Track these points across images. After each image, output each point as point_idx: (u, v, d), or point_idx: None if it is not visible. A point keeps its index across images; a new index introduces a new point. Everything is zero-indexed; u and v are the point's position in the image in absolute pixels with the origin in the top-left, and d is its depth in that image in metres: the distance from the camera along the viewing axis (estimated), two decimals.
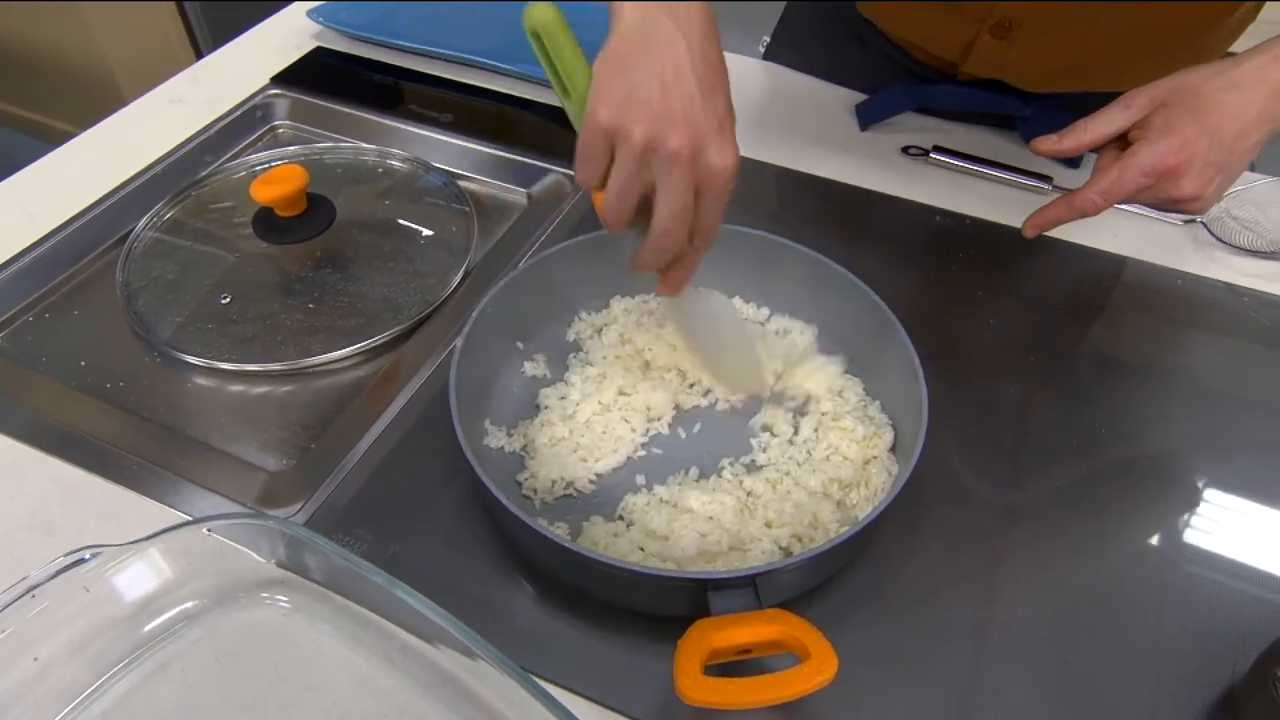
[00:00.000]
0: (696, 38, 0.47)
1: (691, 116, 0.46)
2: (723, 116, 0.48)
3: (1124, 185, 0.60)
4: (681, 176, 0.47)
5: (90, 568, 0.47)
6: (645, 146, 0.46)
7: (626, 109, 0.46)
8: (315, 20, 0.98)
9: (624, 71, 0.47)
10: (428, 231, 0.78)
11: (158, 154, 0.84)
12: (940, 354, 0.57)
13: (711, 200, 0.49)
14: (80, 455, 0.60)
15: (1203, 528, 0.59)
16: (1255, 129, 0.57)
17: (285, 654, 0.50)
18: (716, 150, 0.47)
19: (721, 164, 0.47)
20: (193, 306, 0.71)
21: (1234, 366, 0.69)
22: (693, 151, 0.46)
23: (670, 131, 0.46)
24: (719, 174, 0.47)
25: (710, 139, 0.47)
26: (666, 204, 0.47)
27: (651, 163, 0.47)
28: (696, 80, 0.47)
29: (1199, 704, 0.50)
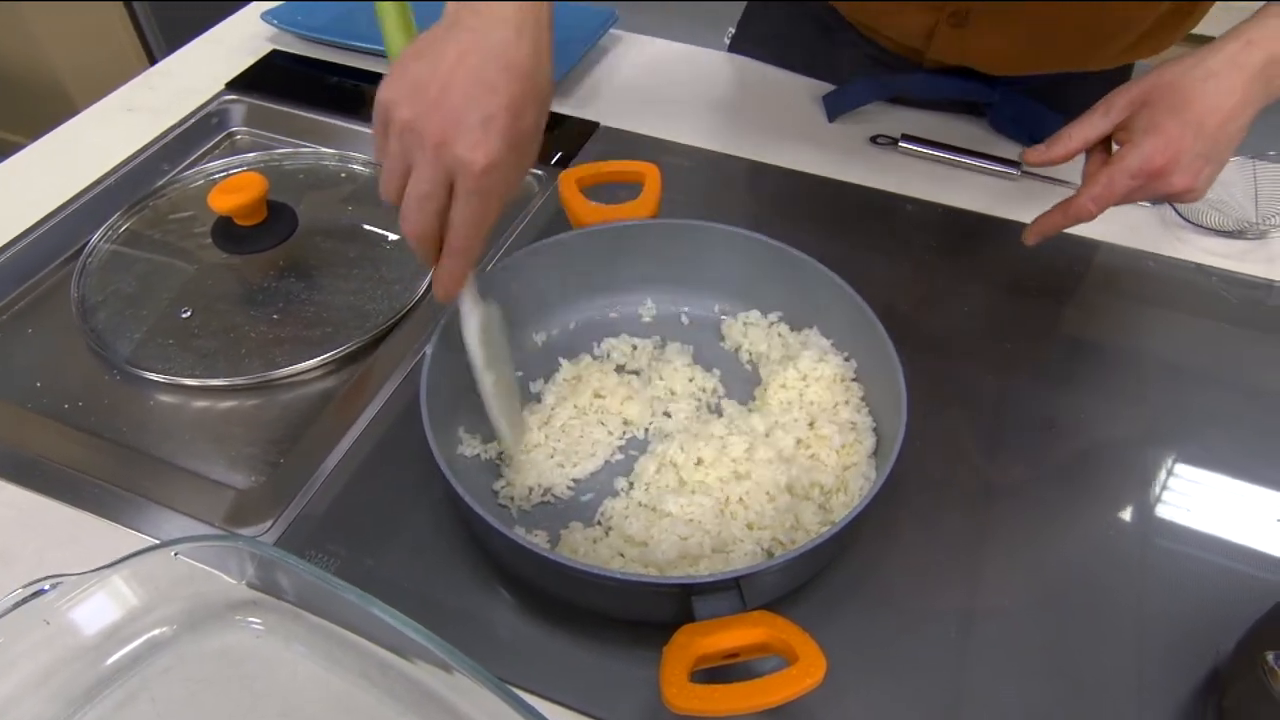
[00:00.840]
0: (499, 38, 0.47)
1: (453, 107, 0.45)
2: (492, 114, 0.46)
3: (1114, 189, 0.60)
4: (427, 162, 0.46)
5: (50, 599, 0.45)
6: (404, 127, 0.46)
7: (401, 90, 0.46)
8: (270, 23, 0.96)
9: (417, 58, 0.47)
10: (393, 236, 0.76)
11: (111, 164, 0.81)
12: (915, 342, 0.57)
13: (462, 196, 0.47)
14: (38, 480, 0.58)
15: (1180, 505, 0.59)
16: (1238, 115, 0.57)
17: (260, 678, 0.49)
18: (468, 144, 0.45)
19: (470, 157, 0.45)
20: (152, 321, 0.69)
21: (1205, 345, 0.70)
22: (441, 139, 0.45)
23: (427, 117, 0.45)
24: (467, 167, 0.46)
25: (466, 132, 0.45)
26: (411, 186, 0.47)
27: (406, 143, 0.46)
28: (474, 76, 0.46)
29: (1184, 685, 0.50)
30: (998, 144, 0.84)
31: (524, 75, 0.47)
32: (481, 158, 0.45)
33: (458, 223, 0.48)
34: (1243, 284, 0.73)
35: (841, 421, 0.58)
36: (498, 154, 0.46)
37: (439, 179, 0.46)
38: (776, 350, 0.64)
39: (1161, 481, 0.61)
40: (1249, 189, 0.77)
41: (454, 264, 0.50)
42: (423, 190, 0.47)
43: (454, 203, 0.47)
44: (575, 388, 0.62)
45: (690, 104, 0.89)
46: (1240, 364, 0.68)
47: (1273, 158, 0.78)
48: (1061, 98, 0.82)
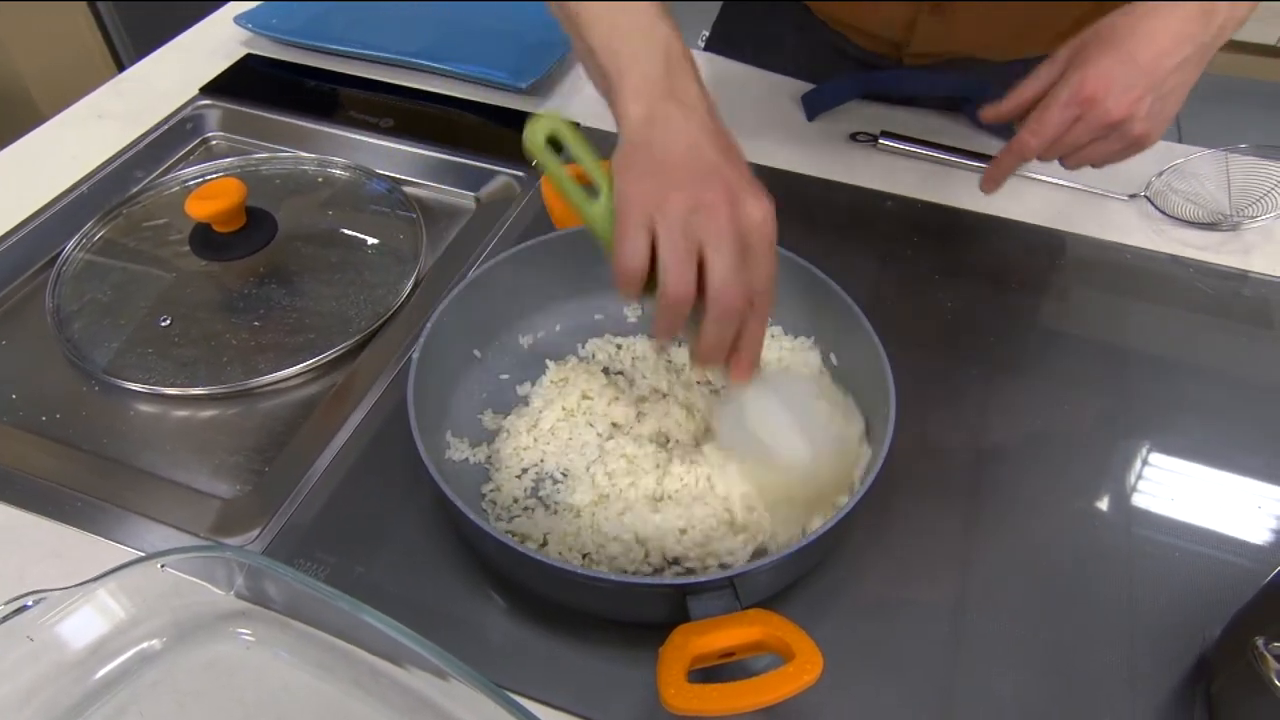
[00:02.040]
0: (704, 117, 0.49)
1: (721, 173, 0.47)
2: (749, 173, 0.48)
3: (1049, 118, 0.60)
4: (728, 228, 0.46)
5: (33, 615, 0.44)
6: (687, 208, 0.45)
7: (658, 180, 0.46)
8: (244, 26, 0.95)
9: (645, 153, 0.47)
10: (374, 240, 0.76)
11: (83, 172, 0.80)
12: (900, 337, 0.57)
13: (759, 254, 0.47)
14: (16, 494, 0.57)
15: (1163, 495, 0.60)
16: (1173, 49, 0.57)
17: (251, 689, 0.48)
18: (753, 200, 0.46)
19: (760, 213, 0.46)
20: (131, 330, 0.68)
21: (1183, 335, 0.71)
22: (732, 202, 0.46)
23: (706, 188, 0.46)
24: (759, 224, 0.46)
25: (744, 191, 0.46)
26: (718, 261, 0.46)
27: (694, 223, 0.46)
28: (717, 148, 0.48)
29: (1173, 673, 0.51)
30: (975, 140, 0.84)
31: (737, 146, 0.50)
32: (769, 210, 0.47)
33: (765, 279, 0.48)
34: (1218, 275, 0.74)
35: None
36: (770, 202, 0.47)
37: (740, 244, 0.46)
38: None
39: (1143, 473, 0.61)
40: (1222, 181, 0.78)
41: (761, 328, 0.49)
42: (731, 261, 0.46)
43: (754, 261, 0.47)
44: (562, 390, 0.61)
45: None
46: (1216, 353, 0.69)
47: (1244, 150, 0.80)
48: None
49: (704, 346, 0.48)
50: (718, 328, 0.47)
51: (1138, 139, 0.60)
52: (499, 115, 0.87)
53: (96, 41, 1.92)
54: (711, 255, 0.46)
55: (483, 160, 0.82)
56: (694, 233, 0.46)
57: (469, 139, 0.84)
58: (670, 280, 0.46)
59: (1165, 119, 0.60)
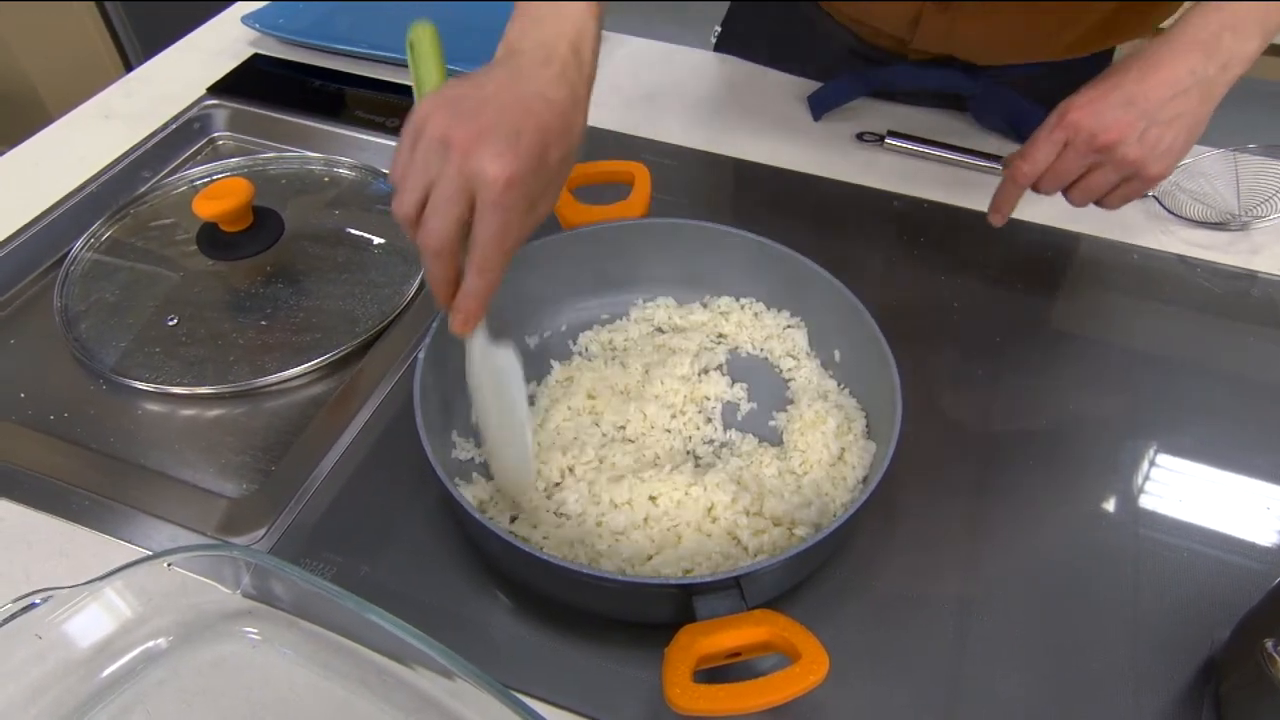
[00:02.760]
0: (541, 75, 0.49)
1: (486, 120, 0.46)
2: (521, 131, 0.46)
3: (1037, 144, 0.61)
4: (451, 169, 0.45)
5: (41, 613, 0.44)
6: (434, 138, 0.46)
7: (441, 106, 0.47)
8: (251, 26, 0.95)
9: (464, 80, 0.48)
10: (380, 240, 0.76)
11: (91, 172, 0.80)
12: (905, 338, 0.57)
13: (484, 208, 0.46)
14: (23, 492, 0.57)
15: (1170, 496, 0.59)
16: (1170, 80, 0.57)
17: (257, 688, 0.48)
18: (493, 154, 0.45)
19: (492, 168, 0.45)
20: (138, 329, 0.68)
21: (1191, 336, 0.71)
22: (466, 148, 0.45)
23: (459, 127, 0.45)
24: (490, 180, 0.45)
25: (493, 142, 0.45)
26: (434, 195, 0.46)
27: (435, 155, 0.46)
28: (512, 98, 0.47)
29: (1180, 674, 0.51)
30: (982, 139, 0.84)
31: (559, 111, 0.48)
32: (504, 169, 0.45)
33: (480, 238, 0.47)
34: (1226, 275, 0.74)
35: (832, 407, 0.59)
36: (520, 169, 0.45)
37: (461, 187, 0.46)
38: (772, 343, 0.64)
39: (1150, 473, 0.61)
40: (1231, 181, 0.78)
41: (475, 283, 0.48)
42: (445, 195, 0.46)
43: (476, 218, 0.46)
44: (568, 389, 0.61)
45: (676, 103, 0.89)
46: (1226, 354, 0.69)
47: (1253, 150, 0.79)
48: (1041, 87, 0.83)
49: (427, 278, 0.49)
50: (426, 263, 0.48)
51: (1134, 166, 0.59)
52: None
53: (104, 41, 1.93)
54: (432, 192, 0.46)
55: None
56: (432, 164, 0.46)
57: None
58: (395, 198, 0.47)
59: (1168, 149, 0.59)
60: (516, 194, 0.46)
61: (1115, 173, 0.61)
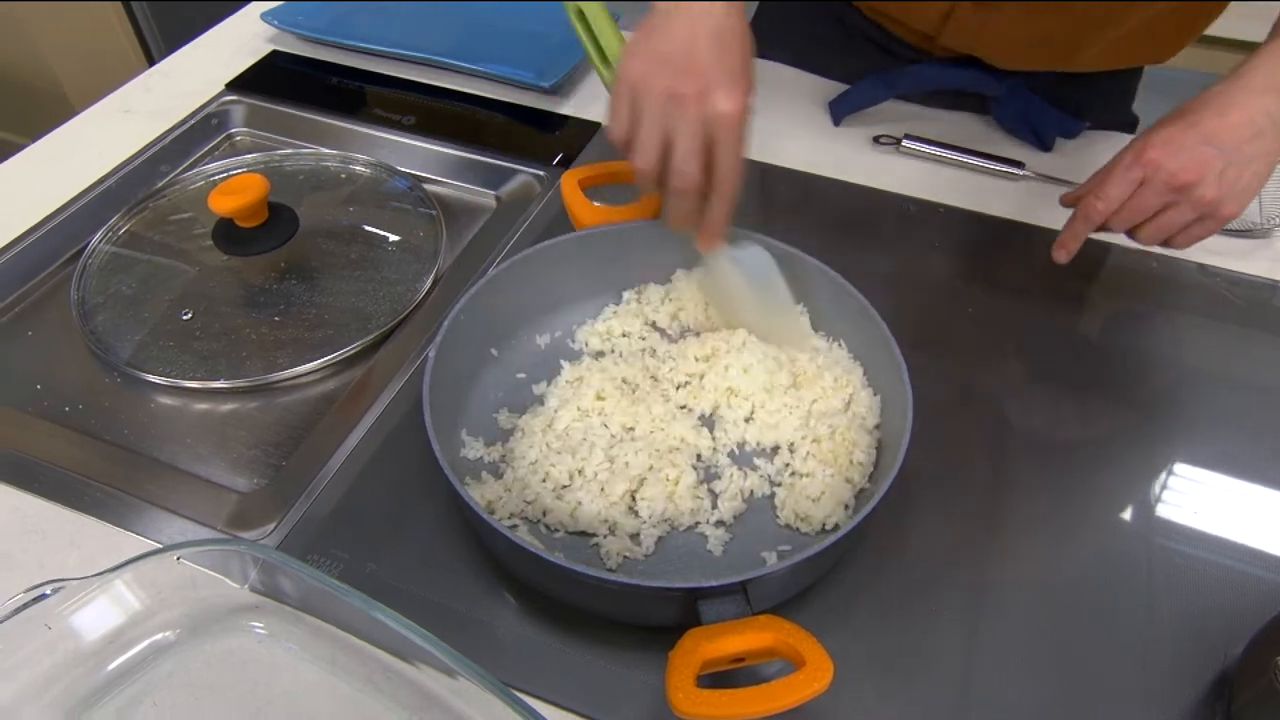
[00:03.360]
0: (718, 13, 0.53)
1: (704, 69, 0.51)
2: (735, 71, 0.52)
3: (1112, 181, 0.60)
4: (693, 119, 0.51)
5: (51, 603, 0.45)
6: (664, 95, 0.52)
7: (650, 65, 0.52)
8: (270, 23, 0.96)
9: (651, 38, 0.53)
10: (395, 238, 0.76)
11: (110, 166, 0.81)
12: (920, 344, 0.57)
13: (724, 145, 0.52)
14: (38, 483, 0.58)
15: (1187, 507, 0.59)
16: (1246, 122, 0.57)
17: (263, 682, 0.48)
18: (725, 96, 0.51)
19: (728, 108, 0.51)
20: (153, 323, 0.68)
21: (1210, 345, 0.70)
22: (700, 95, 0.51)
23: (683, 80, 0.51)
24: (726, 117, 0.51)
25: (720, 87, 0.51)
26: (680, 145, 0.52)
27: (667, 110, 0.52)
28: (714, 41, 0.52)
29: (1192, 689, 0.50)
30: (1001, 143, 0.83)
31: (741, 32, 0.54)
32: (738, 106, 0.52)
33: (726, 167, 0.53)
34: (1247, 284, 0.73)
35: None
36: (746, 98, 0.52)
37: (703, 133, 0.52)
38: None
39: (1168, 483, 0.60)
40: None
41: (724, 208, 0.55)
42: (693, 144, 0.52)
43: (719, 151, 0.53)
44: (577, 389, 0.61)
45: None
46: (1246, 364, 0.68)
47: None
48: (1065, 94, 0.82)
49: (669, 215, 0.57)
50: (674, 201, 0.55)
51: (1211, 206, 0.59)
52: (521, 114, 0.88)
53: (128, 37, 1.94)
54: (675, 140, 0.52)
55: (504, 159, 0.82)
56: (664, 119, 0.52)
57: (491, 137, 0.84)
58: (637, 156, 0.54)
59: (1244, 189, 0.58)
60: (746, 124, 0.53)
61: (1191, 212, 0.60)
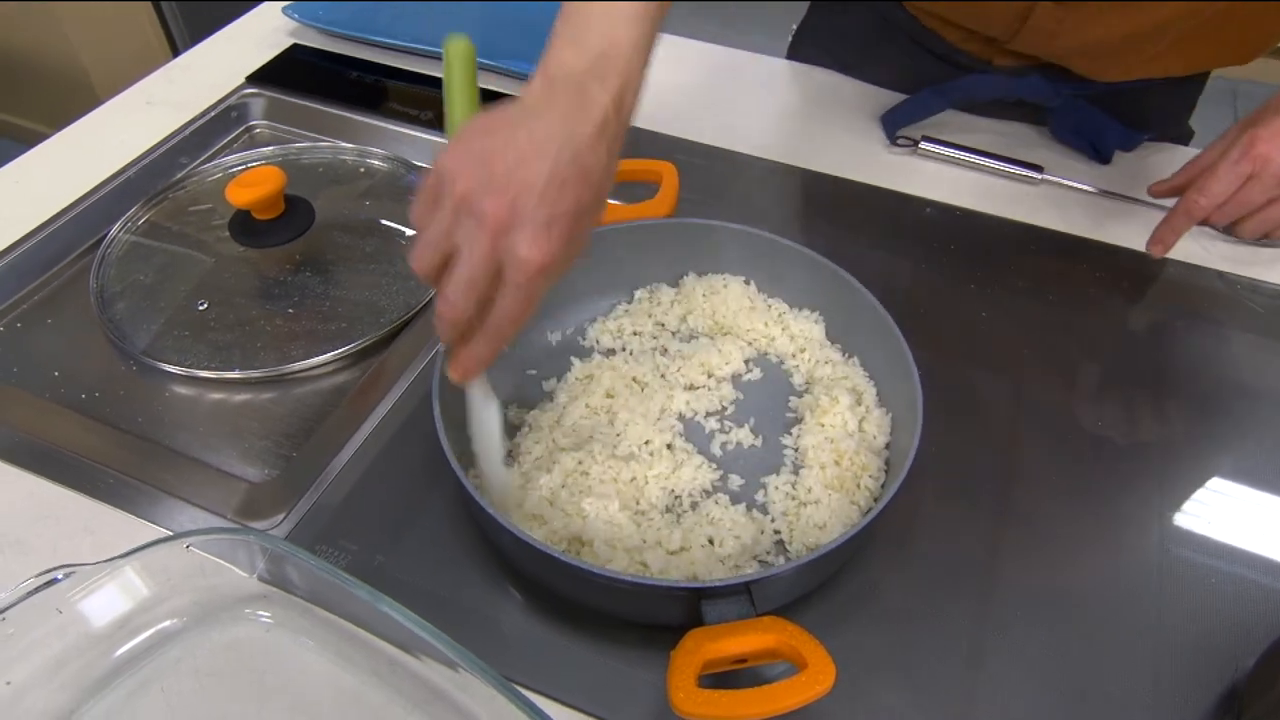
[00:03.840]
0: (581, 134, 0.44)
1: (520, 196, 0.42)
2: (558, 215, 0.43)
3: (1219, 176, 0.60)
4: (480, 246, 0.43)
5: (63, 588, 0.45)
6: (461, 201, 0.43)
7: (465, 162, 0.43)
8: (291, 17, 0.96)
9: (486, 134, 0.44)
10: (410, 232, 0.76)
11: (131, 156, 0.82)
12: (933, 347, 0.56)
13: (509, 289, 0.44)
14: (54, 469, 0.58)
15: (1201, 516, 0.58)
16: None
17: (269, 671, 0.49)
18: (529, 240, 0.42)
19: (527, 254, 0.42)
20: (169, 313, 0.69)
21: (1227, 353, 0.69)
22: (500, 226, 0.42)
23: (489, 197, 0.42)
24: (522, 264, 0.43)
25: (529, 226, 0.42)
26: (460, 268, 0.44)
27: (463, 223, 0.43)
28: (548, 170, 0.43)
29: (1201, 702, 0.49)
30: (1018, 147, 0.83)
31: (595, 183, 0.45)
32: (539, 256, 0.43)
33: (499, 313, 0.45)
34: (1264, 292, 0.72)
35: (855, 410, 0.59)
36: (555, 255, 0.43)
37: (489, 266, 0.43)
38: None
39: (1180, 491, 0.60)
40: None
41: (484, 349, 0.47)
42: (473, 275, 0.44)
43: (500, 291, 0.44)
44: (587, 386, 0.61)
45: (707, 103, 0.89)
46: (1263, 373, 0.67)
47: None
48: (1122, 105, 0.80)
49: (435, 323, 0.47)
50: (438, 320, 0.46)
51: None
52: None
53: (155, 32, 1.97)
54: (454, 263, 0.44)
55: None
56: (457, 230, 0.44)
57: None
58: (415, 249, 0.45)
59: None
60: (546, 278, 0.44)
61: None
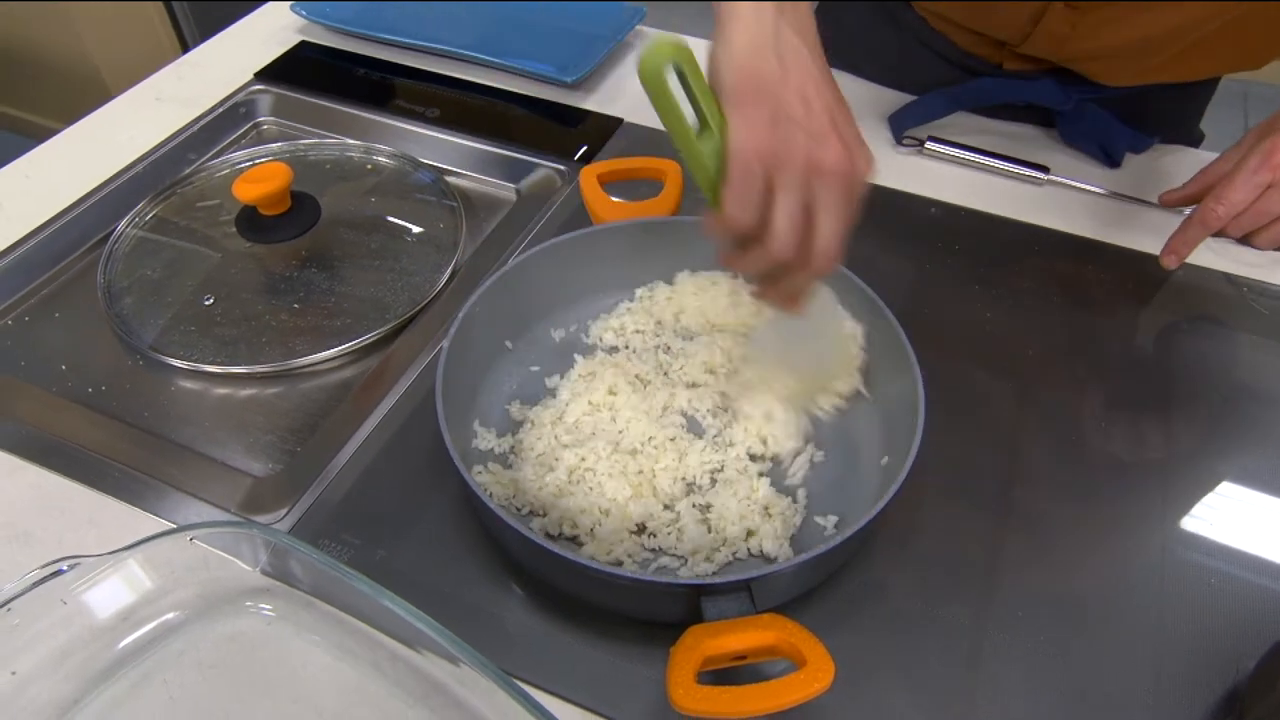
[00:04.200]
0: (811, 41, 0.46)
1: (838, 127, 0.45)
2: (855, 125, 0.47)
3: (1237, 184, 0.60)
4: (843, 193, 0.45)
5: (67, 579, 0.46)
6: (808, 167, 0.44)
7: (777, 129, 0.44)
8: (299, 14, 0.97)
9: (763, 93, 0.44)
10: (415, 229, 0.77)
11: (140, 152, 0.82)
12: (936, 347, 0.56)
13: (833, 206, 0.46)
14: (60, 462, 0.59)
15: (1203, 519, 0.58)
16: None
17: (271, 664, 0.49)
18: (865, 160, 0.46)
19: (868, 172, 0.46)
20: (176, 308, 0.70)
21: (1232, 356, 0.69)
22: (848, 165, 0.45)
23: (825, 146, 0.44)
24: (861, 178, 0.46)
25: (858, 152, 0.46)
26: (826, 225, 0.46)
27: (814, 185, 0.45)
28: (832, 93, 0.46)
29: (1202, 703, 0.49)
30: (1024, 148, 0.82)
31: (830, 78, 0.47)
32: (871, 166, 0.47)
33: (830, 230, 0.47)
34: (1271, 295, 0.72)
35: None
36: (854, 152, 0.46)
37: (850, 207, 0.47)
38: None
39: (1185, 493, 0.59)
40: None
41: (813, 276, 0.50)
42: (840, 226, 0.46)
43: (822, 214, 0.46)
44: (590, 384, 0.62)
45: None
46: (1269, 376, 0.67)
47: None
48: (1133, 109, 0.80)
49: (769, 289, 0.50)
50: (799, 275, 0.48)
51: None
52: (544, 108, 0.88)
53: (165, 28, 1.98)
54: (822, 218, 0.46)
55: (526, 153, 0.82)
56: (811, 193, 0.45)
57: (513, 132, 0.85)
58: (778, 242, 0.46)
59: None
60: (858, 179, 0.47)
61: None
